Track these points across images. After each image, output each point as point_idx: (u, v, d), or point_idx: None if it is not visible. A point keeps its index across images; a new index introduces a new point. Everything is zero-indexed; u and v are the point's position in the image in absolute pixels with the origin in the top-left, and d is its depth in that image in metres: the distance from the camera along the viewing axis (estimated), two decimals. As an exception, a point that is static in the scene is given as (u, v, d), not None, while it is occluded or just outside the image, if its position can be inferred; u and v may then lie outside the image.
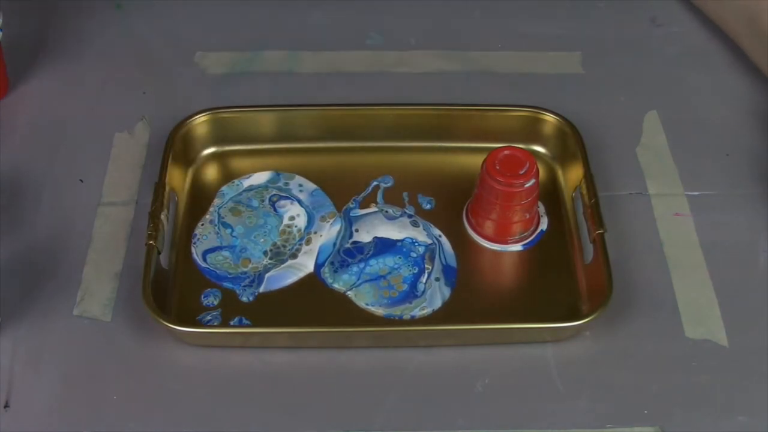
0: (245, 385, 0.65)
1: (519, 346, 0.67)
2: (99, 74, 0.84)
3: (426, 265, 0.71)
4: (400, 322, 0.68)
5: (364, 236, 0.73)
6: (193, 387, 0.65)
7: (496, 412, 0.64)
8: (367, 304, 0.69)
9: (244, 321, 0.68)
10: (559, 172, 0.77)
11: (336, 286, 0.70)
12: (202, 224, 0.73)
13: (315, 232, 0.73)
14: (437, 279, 0.70)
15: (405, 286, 0.70)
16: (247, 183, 0.76)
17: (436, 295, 0.69)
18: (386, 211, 0.74)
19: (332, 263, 0.71)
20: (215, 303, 0.69)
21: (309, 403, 0.64)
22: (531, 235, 0.73)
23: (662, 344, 0.67)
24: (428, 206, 0.75)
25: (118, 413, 0.63)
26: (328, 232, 0.73)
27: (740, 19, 0.84)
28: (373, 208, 0.75)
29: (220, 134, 0.78)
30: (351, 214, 0.74)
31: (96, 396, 0.64)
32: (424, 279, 0.70)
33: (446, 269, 0.71)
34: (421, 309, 0.68)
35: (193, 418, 0.63)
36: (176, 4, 0.91)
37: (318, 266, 0.71)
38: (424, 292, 0.69)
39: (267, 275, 0.70)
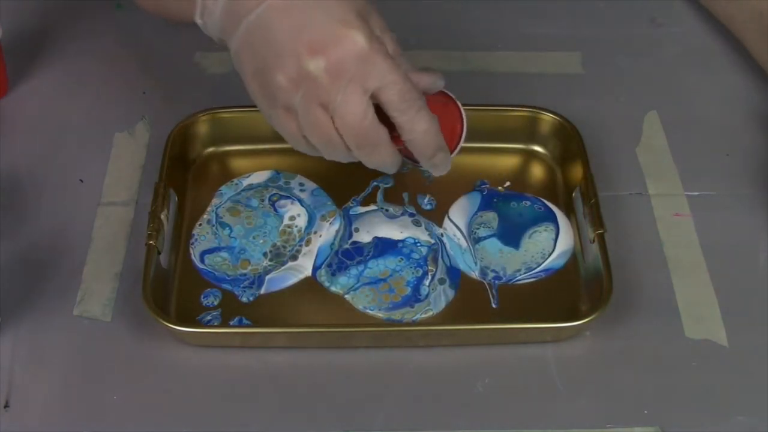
0: (245, 385, 0.65)
1: (519, 346, 0.67)
2: (99, 74, 0.84)
3: (429, 267, 0.71)
4: (400, 322, 0.68)
5: (364, 236, 0.72)
6: (193, 387, 0.65)
7: (496, 412, 0.64)
8: (365, 308, 0.68)
9: (244, 321, 0.67)
10: (559, 172, 0.77)
11: (333, 289, 0.69)
12: (200, 224, 0.73)
13: (315, 232, 0.73)
14: (442, 281, 0.70)
15: (408, 290, 0.69)
16: (246, 182, 0.76)
17: (440, 297, 0.69)
18: (386, 210, 0.74)
19: (329, 265, 0.70)
20: (215, 303, 0.69)
21: (309, 403, 0.64)
22: None
23: (662, 344, 0.67)
24: (428, 206, 0.74)
25: (118, 413, 0.63)
26: (328, 231, 0.73)
27: (749, 14, 0.83)
28: (372, 207, 0.74)
29: (220, 134, 0.77)
30: (350, 213, 0.74)
31: (96, 396, 0.64)
32: (427, 282, 0.69)
33: (450, 270, 0.70)
34: (424, 313, 0.68)
35: (193, 418, 0.63)
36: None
37: (314, 269, 0.70)
38: (427, 295, 0.69)
39: (267, 277, 0.70)
